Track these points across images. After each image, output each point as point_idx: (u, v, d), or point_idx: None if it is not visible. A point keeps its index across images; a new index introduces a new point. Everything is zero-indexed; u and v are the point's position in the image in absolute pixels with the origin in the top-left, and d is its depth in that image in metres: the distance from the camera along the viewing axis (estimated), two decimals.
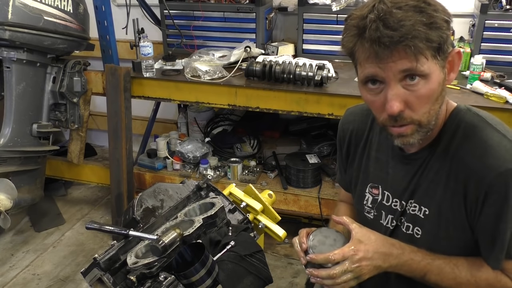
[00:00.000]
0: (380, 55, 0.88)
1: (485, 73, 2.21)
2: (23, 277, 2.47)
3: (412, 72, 0.90)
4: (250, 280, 1.18)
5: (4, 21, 2.14)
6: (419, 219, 1.09)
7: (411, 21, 0.86)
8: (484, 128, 1.00)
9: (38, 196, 2.64)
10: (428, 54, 0.89)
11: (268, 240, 2.39)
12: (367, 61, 0.92)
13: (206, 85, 2.36)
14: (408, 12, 0.86)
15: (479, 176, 0.96)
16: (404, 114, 0.94)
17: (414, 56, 0.87)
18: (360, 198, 1.23)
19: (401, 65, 0.89)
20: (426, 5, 0.88)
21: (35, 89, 2.46)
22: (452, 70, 0.98)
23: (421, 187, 1.08)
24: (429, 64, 0.90)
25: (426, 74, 0.90)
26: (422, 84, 0.91)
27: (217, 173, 2.64)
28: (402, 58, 0.88)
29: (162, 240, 1.10)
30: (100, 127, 3.44)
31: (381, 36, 0.86)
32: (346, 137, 1.26)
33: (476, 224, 1.01)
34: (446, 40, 0.90)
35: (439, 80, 0.93)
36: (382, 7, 0.87)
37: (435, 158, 1.05)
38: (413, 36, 0.86)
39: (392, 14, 0.86)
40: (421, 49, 0.87)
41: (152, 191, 1.45)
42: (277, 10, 2.84)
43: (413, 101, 0.93)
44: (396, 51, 0.87)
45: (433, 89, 0.92)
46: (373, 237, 1.03)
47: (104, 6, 2.44)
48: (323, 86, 2.21)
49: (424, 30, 0.86)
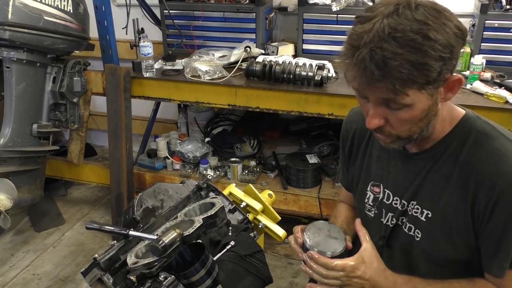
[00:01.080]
0: (361, 81, 0.90)
1: (485, 73, 2.21)
2: (23, 277, 2.47)
3: (393, 103, 0.91)
4: (250, 280, 1.18)
5: (4, 21, 2.14)
6: (421, 222, 1.09)
7: (398, 62, 0.83)
8: (497, 137, 1.00)
9: (38, 196, 2.64)
10: (410, 91, 0.88)
11: (268, 240, 2.39)
12: (353, 79, 0.93)
13: (206, 85, 2.36)
14: (400, 48, 0.83)
15: (491, 183, 0.96)
16: (384, 128, 0.97)
17: (393, 92, 0.88)
18: (362, 196, 1.23)
19: (381, 95, 0.90)
20: (425, 40, 0.84)
21: (35, 89, 2.46)
22: (450, 91, 0.96)
23: (424, 189, 1.08)
24: (412, 97, 0.89)
25: (408, 104, 0.90)
26: (405, 110, 0.92)
27: (217, 173, 2.64)
28: (382, 90, 0.89)
29: (162, 240, 1.10)
30: (100, 127, 3.44)
31: (365, 68, 0.86)
32: (349, 136, 1.27)
33: (482, 231, 1.00)
34: (437, 77, 0.87)
35: (423, 108, 0.92)
36: (379, 33, 0.85)
37: (442, 162, 1.04)
38: (394, 78, 0.85)
39: (383, 47, 0.84)
40: (401, 88, 0.87)
41: (152, 191, 1.45)
42: (277, 10, 2.84)
43: (393, 121, 0.95)
44: (377, 85, 0.88)
45: (415, 115, 0.93)
46: (375, 265, 1.04)
47: (104, 6, 2.43)
48: (323, 86, 2.21)
49: (408, 72, 0.84)
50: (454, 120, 1.05)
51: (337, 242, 1.08)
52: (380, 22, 0.86)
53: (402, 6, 0.86)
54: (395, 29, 0.84)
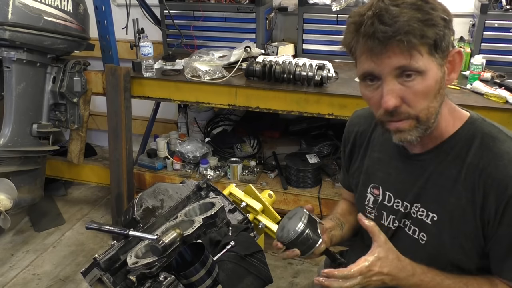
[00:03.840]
0: (374, 50, 0.90)
1: (485, 73, 2.20)
2: (23, 277, 2.47)
3: (407, 69, 0.91)
4: (250, 280, 1.18)
5: (4, 21, 2.14)
6: (426, 224, 1.07)
7: (406, 17, 0.87)
8: (505, 140, 0.99)
9: (38, 196, 2.64)
10: (422, 50, 0.89)
11: (268, 240, 2.37)
12: (363, 56, 0.94)
13: (206, 85, 2.36)
14: (404, 9, 0.88)
15: (501, 185, 0.95)
16: (401, 109, 0.95)
17: (408, 52, 0.88)
18: (362, 199, 1.23)
19: (396, 61, 0.90)
20: (423, 3, 0.89)
21: (35, 89, 2.46)
22: (453, 70, 0.97)
23: (429, 191, 1.07)
24: (424, 61, 0.90)
25: (422, 70, 0.91)
26: (419, 80, 0.92)
27: (217, 173, 2.64)
28: (396, 54, 0.89)
29: (162, 240, 1.10)
30: (100, 127, 3.44)
31: (376, 31, 0.88)
32: (350, 138, 1.27)
33: (493, 235, 0.99)
34: (443, 38, 0.91)
35: (436, 78, 0.93)
36: (380, 5, 0.89)
37: (446, 164, 1.04)
38: (406, 31, 0.87)
39: (388, 10, 0.88)
40: (414, 45, 0.88)
41: (152, 191, 1.45)
42: (277, 10, 2.84)
43: (409, 97, 0.93)
44: (390, 46, 0.89)
45: (430, 85, 0.93)
46: (391, 257, 1.03)
47: (104, 6, 2.44)
48: (323, 86, 2.21)
49: (418, 26, 0.87)
50: (458, 122, 1.04)
51: (296, 216, 1.11)
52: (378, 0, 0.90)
53: None
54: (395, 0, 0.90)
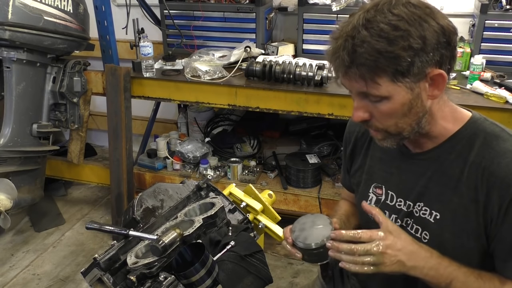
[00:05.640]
0: (341, 71, 0.94)
1: (485, 73, 2.21)
2: (23, 277, 2.47)
3: (368, 94, 0.94)
4: (250, 280, 1.18)
5: (4, 21, 2.14)
6: (429, 223, 1.07)
7: (365, 47, 0.88)
8: (507, 139, 0.99)
9: (38, 196, 2.64)
10: (380, 80, 0.91)
11: (268, 240, 2.38)
12: (334, 71, 0.97)
13: (206, 85, 2.36)
14: (370, 37, 0.88)
15: (504, 183, 0.95)
16: (371, 122, 1.00)
17: (364, 81, 0.91)
18: (364, 198, 1.22)
19: (357, 86, 0.94)
20: (394, 30, 0.87)
21: (35, 89, 2.46)
22: (436, 88, 0.96)
23: (431, 190, 1.06)
24: (385, 88, 0.92)
25: (384, 96, 0.93)
26: (384, 103, 0.95)
27: (217, 173, 2.64)
28: (357, 80, 0.93)
29: (162, 240, 1.10)
30: (100, 127, 3.44)
31: (339, 57, 0.92)
32: (351, 138, 1.27)
33: (496, 233, 0.98)
34: (411, 65, 0.89)
35: (403, 101, 0.94)
36: (354, 25, 0.90)
37: (448, 163, 1.04)
38: (361, 64, 0.89)
39: (355, 37, 0.89)
40: (368, 76, 0.90)
41: (152, 191, 1.45)
42: (277, 10, 2.84)
43: (376, 115, 0.98)
44: (351, 73, 0.92)
45: (396, 108, 0.95)
46: (403, 236, 1.01)
47: (104, 6, 2.44)
48: (323, 86, 2.21)
49: (374, 58, 0.88)
50: (460, 121, 1.04)
51: (323, 228, 1.08)
52: (359, 16, 0.92)
53: (383, 3, 0.91)
54: (369, 21, 0.90)
